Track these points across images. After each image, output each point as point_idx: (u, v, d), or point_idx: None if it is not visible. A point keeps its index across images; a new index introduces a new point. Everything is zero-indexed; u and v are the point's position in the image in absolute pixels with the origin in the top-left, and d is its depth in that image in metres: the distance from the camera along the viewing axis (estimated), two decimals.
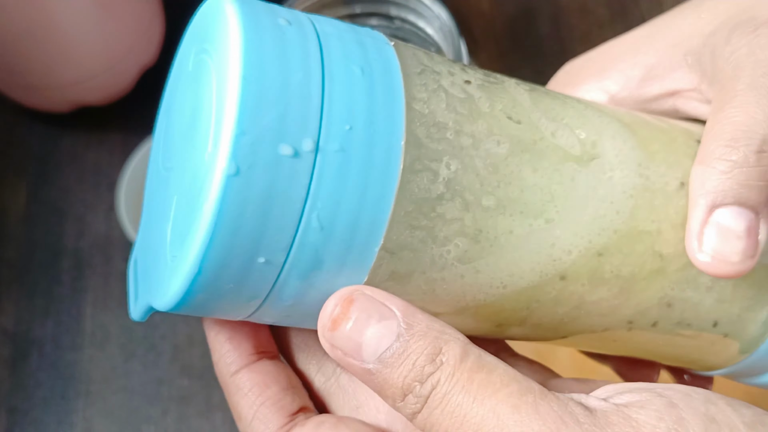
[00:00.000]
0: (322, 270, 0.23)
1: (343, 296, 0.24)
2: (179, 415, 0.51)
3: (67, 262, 0.55)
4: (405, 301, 0.24)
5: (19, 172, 0.59)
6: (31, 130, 0.60)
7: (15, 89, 0.57)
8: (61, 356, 0.53)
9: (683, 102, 0.31)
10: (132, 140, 0.59)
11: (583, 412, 0.23)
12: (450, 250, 0.24)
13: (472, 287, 0.25)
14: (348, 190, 0.22)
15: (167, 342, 0.53)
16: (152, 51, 0.59)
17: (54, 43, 0.53)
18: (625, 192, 0.27)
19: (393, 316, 0.23)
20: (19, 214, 0.57)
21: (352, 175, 0.22)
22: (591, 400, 0.23)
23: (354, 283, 0.24)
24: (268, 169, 0.22)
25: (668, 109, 0.31)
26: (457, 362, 0.23)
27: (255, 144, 0.21)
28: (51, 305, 0.54)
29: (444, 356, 0.23)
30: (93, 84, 0.57)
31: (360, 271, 0.24)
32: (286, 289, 0.23)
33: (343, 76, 0.23)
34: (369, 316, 0.23)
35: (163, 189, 0.26)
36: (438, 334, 0.23)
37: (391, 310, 0.23)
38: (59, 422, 0.51)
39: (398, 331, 0.23)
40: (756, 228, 0.26)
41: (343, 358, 0.24)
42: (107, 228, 0.56)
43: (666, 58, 0.31)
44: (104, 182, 0.58)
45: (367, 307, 0.23)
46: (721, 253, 0.26)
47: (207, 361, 0.52)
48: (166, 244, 0.24)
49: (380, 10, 0.44)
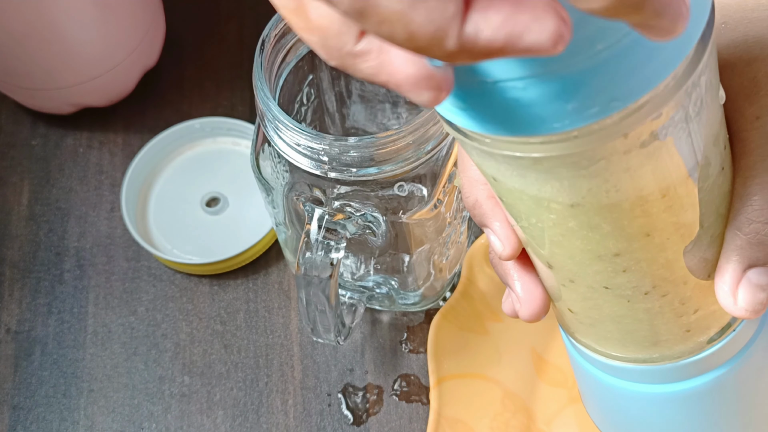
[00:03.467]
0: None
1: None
2: (180, 412, 0.51)
3: (70, 261, 0.56)
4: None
5: (22, 172, 0.59)
6: (34, 131, 0.60)
7: (18, 91, 0.58)
8: (64, 354, 0.53)
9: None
10: (134, 141, 0.59)
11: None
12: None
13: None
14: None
15: (169, 340, 0.53)
16: (154, 53, 0.60)
17: (56, 46, 0.53)
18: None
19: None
20: (22, 214, 0.58)
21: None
22: None
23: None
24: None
25: None
26: None
27: None
28: (54, 304, 0.55)
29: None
30: (95, 85, 0.57)
31: None
32: None
33: None
34: None
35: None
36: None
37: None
38: (62, 419, 0.51)
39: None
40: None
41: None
42: (109, 227, 0.57)
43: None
44: (106, 182, 0.58)
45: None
46: (752, 304, 0.31)
47: (208, 359, 0.53)
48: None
49: None
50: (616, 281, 0.31)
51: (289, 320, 0.54)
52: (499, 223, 0.33)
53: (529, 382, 0.50)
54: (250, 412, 0.51)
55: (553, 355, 0.50)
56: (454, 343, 0.50)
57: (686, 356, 0.34)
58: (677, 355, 0.34)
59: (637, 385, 0.36)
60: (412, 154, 0.41)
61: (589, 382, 0.38)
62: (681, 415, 0.36)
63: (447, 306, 0.51)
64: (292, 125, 0.40)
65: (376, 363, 0.52)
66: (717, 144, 0.29)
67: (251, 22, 0.63)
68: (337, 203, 0.43)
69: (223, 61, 0.62)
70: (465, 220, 0.50)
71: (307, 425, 0.51)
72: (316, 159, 0.41)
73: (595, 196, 0.28)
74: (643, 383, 0.35)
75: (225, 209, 0.56)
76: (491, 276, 0.52)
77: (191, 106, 0.61)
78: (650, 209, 0.28)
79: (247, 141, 0.58)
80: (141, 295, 0.55)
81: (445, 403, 0.48)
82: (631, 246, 0.30)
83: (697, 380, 0.35)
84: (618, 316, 0.33)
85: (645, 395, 0.36)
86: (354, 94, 0.51)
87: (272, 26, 0.43)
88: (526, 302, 0.34)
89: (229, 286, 0.55)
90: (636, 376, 0.35)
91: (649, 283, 0.31)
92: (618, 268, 0.31)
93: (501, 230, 0.33)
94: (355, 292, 0.51)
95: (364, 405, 0.51)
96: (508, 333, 0.51)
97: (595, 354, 0.36)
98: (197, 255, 0.55)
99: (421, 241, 0.46)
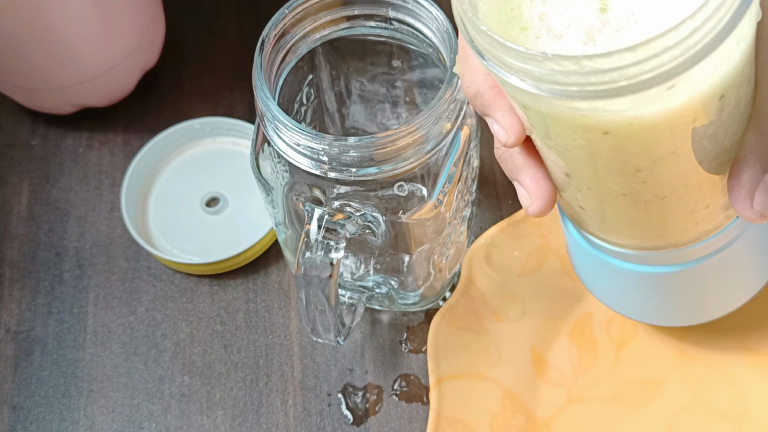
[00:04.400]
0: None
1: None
2: (180, 412, 0.51)
3: (69, 261, 0.56)
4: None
5: (22, 172, 0.59)
6: (34, 131, 0.60)
7: (17, 91, 0.58)
8: (64, 354, 0.53)
9: None
10: (133, 141, 0.59)
11: None
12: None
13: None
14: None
15: (168, 340, 0.53)
16: (153, 53, 0.60)
17: (56, 46, 0.53)
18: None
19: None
20: (21, 214, 0.58)
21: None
22: None
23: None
24: None
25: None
26: None
27: None
28: (53, 304, 0.55)
29: None
30: (95, 85, 0.57)
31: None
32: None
33: None
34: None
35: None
36: None
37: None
38: (62, 420, 0.51)
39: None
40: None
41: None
42: (109, 227, 0.57)
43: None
44: (106, 182, 0.58)
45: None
46: (766, 207, 0.32)
47: (208, 359, 0.53)
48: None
49: (378, 11, 0.45)
50: (635, 189, 0.33)
51: (289, 320, 0.54)
52: (502, 112, 0.33)
53: (529, 382, 0.50)
54: (249, 412, 0.51)
55: (553, 355, 0.50)
56: (453, 342, 0.50)
57: (690, 244, 0.38)
58: (682, 243, 0.38)
59: (639, 266, 0.40)
60: (412, 154, 0.41)
61: (586, 261, 0.42)
62: (675, 291, 0.42)
63: (447, 306, 0.51)
64: (291, 125, 0.40)
65: (376, 363, 0.52)
66: (749, 62, 0.31)
67: (251, 22, 0.63)
68: (337, 203, 0.43)
69: (222, 61, 0.62)
70: (465, 220, 0.50)
71: (307, 425, 0.51)
72: (316, 159, 0.41)
73: (630, 124, 0.30)
74: (644, 265, 0.40)
75: (225, 209, 0.56)
76: (491, 276, 0.52)
77: (191, 106, 0.61)
78: (680, 132, 0.31)
79: (246, 141, 0.58)
80: (141, 295, 0.55)
81: (445, 403, 0.48)
82: (656, 163, 0.32)
83: (694, 263, 0.39)
84: (632, 217, 0.36)
85: (644, 275, 0.40)
86: (354, 94, 0.51)
87: (272, 26, 0.43)
88: (536, 197, 0.34)
89: (228, 286, 0.55)
90: (639, 259, 0.39)
91: (668, 189, 0.33)
92: (639, 180, 0.33)
93: (504, 119, 0.33)
94: (354, 292, 0.51)
95: (364, 405, 0.51)
96: (507, 333, 0.51)
97: (599, 241, 0.39)
98: (197, 255, 0.55)
99: (421, 241, 0.46)
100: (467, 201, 0.49)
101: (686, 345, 0.50)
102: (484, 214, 0.56)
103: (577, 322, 0.51)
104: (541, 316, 0.51)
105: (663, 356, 0.50)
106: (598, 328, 0.51)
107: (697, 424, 0.48)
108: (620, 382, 0.50)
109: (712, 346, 0.50)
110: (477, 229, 0.55)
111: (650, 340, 0.50)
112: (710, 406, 0.49)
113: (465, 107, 0.43)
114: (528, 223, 0.53)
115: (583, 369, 0.50)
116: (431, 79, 0.48)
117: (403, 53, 0.47)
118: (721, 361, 0.50)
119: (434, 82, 0.48)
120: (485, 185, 0.56)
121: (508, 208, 0.56)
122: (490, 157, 0.57)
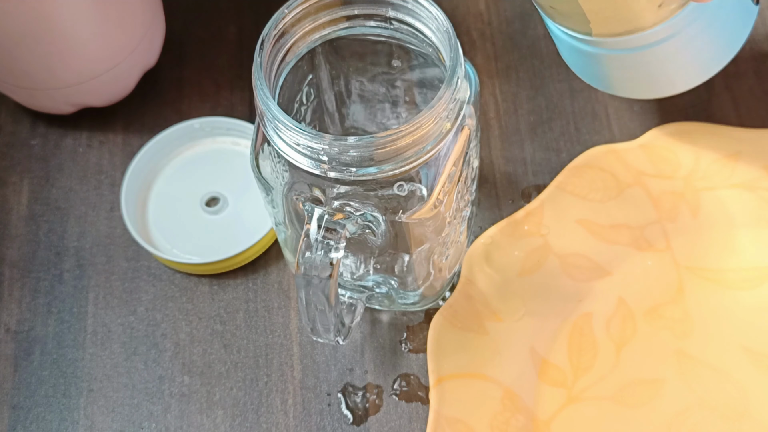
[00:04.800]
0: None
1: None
2: (180, 412, 0.51)
3: (69, 261, 0.56)
4: None
5: (22, 172, 0.59)
6: (34, 131, 0.60)
7: (17, 91, 0.58)
8: (64, 354, 0.53)
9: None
10: (133, 140, 0.59)
11: None
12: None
13: None
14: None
15: (168, 340, 0.53)
16: (153, 52, 0.60)
17: (55, 45, 0.53)
18: None
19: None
20: (21, 213, 0.58)
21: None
22: None
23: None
24: None
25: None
26: None
27: None
28: (53, 304, 0.55)
29: None
30: (94, 85, 0.57)
31: None
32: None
33: None
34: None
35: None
36: None
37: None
38: (61, 419, 0.51)
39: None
40: None
41: None
42: (109, 227, 0.57)
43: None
44: (106, 182, 0.58)
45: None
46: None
47: (208, 359, 0.53)
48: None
49: (378, 11, 0.45)
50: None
51: (289, 320, 0.54)
52: None
53: (529, 382, 0.50)
54: (249, 411, 0.51)
55: (553, 355, 0.50)
56: (453, 342, 0.50)
57: (656, 25, 0.46)
58: (648, 26, 0.46)
59: (611, 51, 0.48)
60: (412, 154, 0.41)
61: (567, 47, 0.51)
62: (643, 66, 0.49)
63: (446, 306, 0.51)
64: (291, 125, 0.40)
65: (376, 363, 0.52)
66: None
67: (251, 22, 0.63)
68: (337, 203, 0.43)
69: (222, 61, 0.62)
70: (464, 220, 0.50)
71: (307, 425, 0.51)
72: (316, 159, 0.41)
73: None
74: (616, 49, 0.48)
75: (225, 209, 0.56)
76: (491, 276, 0.52)
77: (191, 106, 0.61)
78: None
79: (246, 141, 0.58)
80: (141, 295, 0.55)
81: (445, 403, 0.48)
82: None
83: (659, 42, 0.47)
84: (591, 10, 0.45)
85: (616, 55, 0.48)
86: (353, 94, 0.51)
87: (272, 26, 0.43)
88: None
89: (228, 286, 0.55)
90: (611, 45, 0.48)
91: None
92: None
93: None
94: (354, 291, 0.51)
95: (364, 405, 0.51)
96: (507, 333, 0.51)
97: (575, 33, 0.49)
98: (197, 255, 0.55)
99: (421, 240, 0.46)
100: (467, 201, 0.49)
101: (686, 345, 0.50)
102: (484, 214, 0.56)
103: (577, 322, 0.51)
104: (541, 316, 0.51)
105: (663, 356, 0.50)
106: (597, 328, 0.51)
107: (697, 424, 0.48)
108: (620, 382, 0.50)
109: (712, 346, 0.50)
110: (477, 228, 0.55)
111: (650, 340, 0.50)
112: (710, 406, 0.49)
113: (465, 107, 0.43)
114: (528, 222, 0.53)
115: (583, 369, 0.50)
116: (431, 79, 0.48)
117: (402, 53, 0.47)
118: (721, 361, 0.50)
119: (434, 81, 0.48)
120: (485, 185, 0.56)
121: (508, 208, 0.56)
122: (490, 157, 0.57)
